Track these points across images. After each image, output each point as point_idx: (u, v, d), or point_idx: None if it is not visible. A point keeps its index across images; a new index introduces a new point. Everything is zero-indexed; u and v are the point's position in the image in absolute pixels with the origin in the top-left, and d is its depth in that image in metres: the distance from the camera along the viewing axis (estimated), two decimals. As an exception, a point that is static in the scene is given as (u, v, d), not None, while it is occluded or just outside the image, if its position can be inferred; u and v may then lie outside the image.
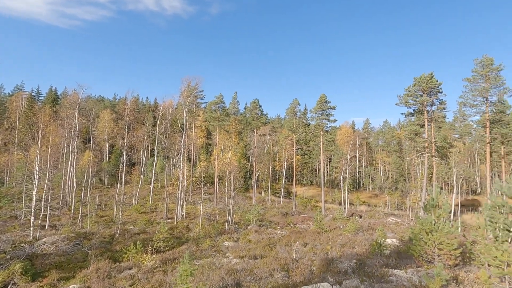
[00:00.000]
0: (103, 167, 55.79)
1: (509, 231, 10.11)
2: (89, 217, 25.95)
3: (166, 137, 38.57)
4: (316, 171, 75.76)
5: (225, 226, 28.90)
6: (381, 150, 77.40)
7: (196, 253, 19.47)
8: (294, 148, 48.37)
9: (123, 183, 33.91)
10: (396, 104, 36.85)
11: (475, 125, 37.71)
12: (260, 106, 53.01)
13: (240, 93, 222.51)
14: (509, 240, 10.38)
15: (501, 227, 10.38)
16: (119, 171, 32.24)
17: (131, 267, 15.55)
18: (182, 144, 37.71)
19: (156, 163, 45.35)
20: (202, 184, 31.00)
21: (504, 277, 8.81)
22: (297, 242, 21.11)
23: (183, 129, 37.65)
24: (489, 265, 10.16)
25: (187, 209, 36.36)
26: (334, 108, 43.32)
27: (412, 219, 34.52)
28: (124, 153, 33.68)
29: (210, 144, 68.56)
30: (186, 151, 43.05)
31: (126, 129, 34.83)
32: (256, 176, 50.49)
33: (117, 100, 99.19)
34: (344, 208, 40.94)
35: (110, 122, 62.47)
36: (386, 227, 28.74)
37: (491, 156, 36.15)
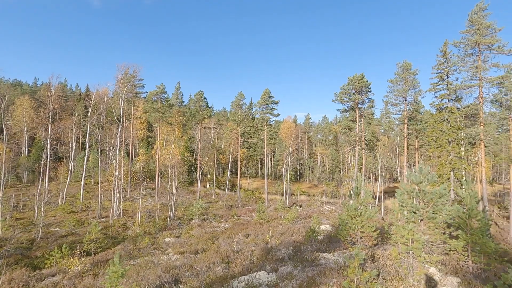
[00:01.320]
0: (20, 162, 48.55)
1: (415, 213, 11.87)
2: (1, 221, 22.42)
3: (100, 128, 35.19)
4: (260, 164, 77.82)
5: (167, 222, 27.91)
6: (320, 144, 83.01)
7: (134, 252, 18.47)
8: (239, 141, 48.81)
9: (46, 180, 30.10)
10: (333, 101, 39.77)
11: (396, 122, 42.91)
12: (205, 98, 52.00)
13: (184, 84, 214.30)
14: (416, 221, 12.20)
15: (409, 209, 12.13)
16: (42, 167, 28.43)
17: (55, 273, 14.02)
18: (118, 136, 34.93)
19: (88, 158, 41.20)
20: (141, 179, 29.26)
21: (409, 252, 10.35)
22: (240, 234, 21.54)
23: (119, 120, 34.84)
24: (399, 243, 11.82)
25: (124, 206, 34.02)
26: (277, 102, 44.81)
27: (342, 206, 38.03)
28: (48, 146, 29.84)
29: (151, 137, 64.94)
30: (123, 144, 39.95)
31: (50, 119, 30.83)
32: (201, 169, 49.68)
33: (38, 85, 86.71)
34: (286, 198, 43.06)
35: (29, 110, 54.40)
36: (322, 215, 31.15)
37: (408, 148, 41.65)
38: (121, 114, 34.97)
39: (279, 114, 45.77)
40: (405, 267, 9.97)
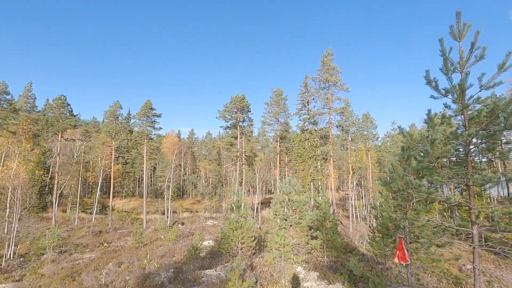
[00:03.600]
0: None
1: (286, 220, 13.52)
2: None
3: None
4: (139, 181, 70.94)
5: (0, 263, 21.02)
6: (204, 159, 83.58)
7: None
8: (113, 156, 43.06)
9: None
10: (217, 117, 41.19)
11: (271, 140, 48.50)
12: (69, 104, 43.57)
13: (40, 86, 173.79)
14: (286, 227, 13.86)
15: (281, 217, 13.72)
16: None
17: None
18: None
19: None
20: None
21: (281, 256, 11.63)
22: (111, 263, 18.60)
23: None
24: (273, 249, 13.10)
25: None
26: (159, 115, 42.57)
27: (224, 220, 39.22)
28: None
29: (-19, 150, 48.54)
30: None
31: None
32: (60, 190, 40.60)
33: None
34: (167, 217, 40.59)
35: None
36: (205, 230, 31.01)
37: (279, 163, 47.52)
38: None
39: (161, 128, 43.50)
40: (278, 271, 11.07)
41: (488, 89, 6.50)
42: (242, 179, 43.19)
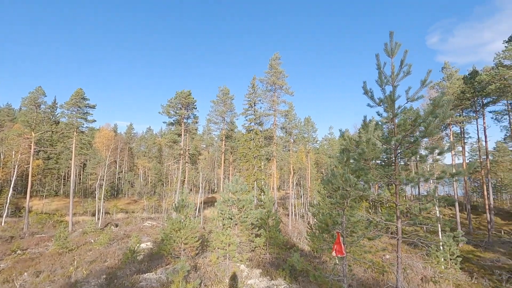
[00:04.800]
0: None
1: (231, 219, 13.53)
2: None
3: None
4: (64, 179, 63.11)
5: None
6: (143, 156, 78.46)
7: None
8: (33, 150, 37.39)
9: None
10: (160, 112, 39.09)
11: (216, 138, 48.04)
12: (-26, 86, 36.40)
13: None
14: (231, 226, 13.87)
15: (227, 216, 13.68)
16: None
17: None
18: None
19: None
20: None
21: (226, 255, 11.60)
22: (26, 273, 16.11)
23: None
24: (218, 249, 12.98)
25: None
26: (93, 106, 38.53)
27: (166, 220, 37.48)
28: None
29: None
30: None
31: None
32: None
33: None
34: (99, 219, 36.96)
35: None
36: (143, 232, 29.13)
37: (224, 162, 47.37)
38: None
39: (95, 121, 39.37)
40: (222, 270, 11.01)
41: (413, 101, 7.53)
42: (184, 178, 41.81)
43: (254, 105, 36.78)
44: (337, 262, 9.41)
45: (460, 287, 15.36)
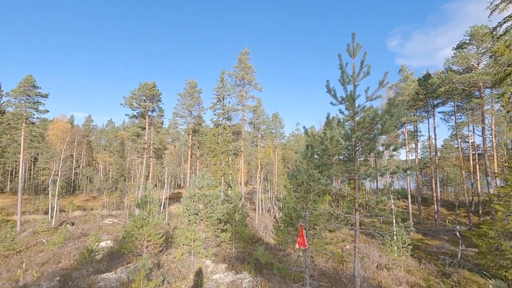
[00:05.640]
0: None
1: (197, 214, 13.34)
2: None
3: None
4: (11, 174, 57.53)
5: None
6: (103, 150, 74.08)
7: None
8: (-27, 143, 33.45)
9: None
10: (122, 104, 37.06)
11: (183, 133, 46.82)
12: None
13: None
14: (197, 222, 13.69)
15: (192, 212, 13.47)
16: None
17: None
18: None
19: None
20: None
21: (191, 251, 11.45)
22: (-37, 280, 14.47)
23: None
24: (183, 245, 12.76)
25: None
26: (46, 96, 35.39)
27: (128, 217, 35.93)
28: None
29: None
30: None
31: None
32: None
33: None
34: (52, 217, 34.30)
35: None
36: (102, 230, 27.66)
37: (191, 157, 46.46)
38: None
39: (48, 111, 36.20)
40: (187, 266, 10.85)
41: (372, 100, 7.98)
42: (149, 173, 40.31)
43: (223, 100, 36.40)
44: (300, 254, 9.75)
45: (410, 272, 16.74)
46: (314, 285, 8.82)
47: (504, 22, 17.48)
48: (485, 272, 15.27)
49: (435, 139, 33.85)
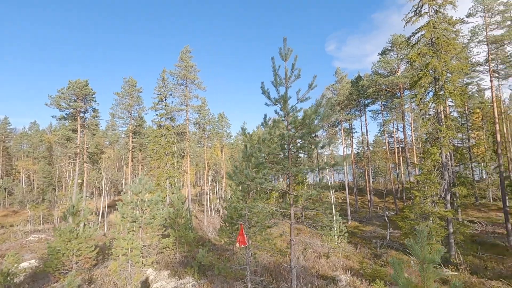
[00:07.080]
0: None
1: (135, 222, 12.58)
2: None
3: None
4: None
5: None
6: (25, 156, 64.87)
7: None
8: None
9: None
10: (47, 105, 32.93)
11: (122, 135, 43.59)
12: None
13: None
14: (136, 230, 12.91)
15: (130, 219, 12.65)
16: None
17: None
18: None
19: None
20: None
21: (129, 261, 10.75)
22: None
23: None
24: (120, 255, 11.90)
25: None
26: None
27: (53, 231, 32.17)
28: None
29: None
30: None
31: None
32: None
33: None
34: (-43, 239, 28.82)
35: None
36: (26, 248, 24.30)
37: (132, 161, 43.54)
38: None
39: None
40: (123, 278, 10.17)
41: (302, 102, 8.50)
42: (83, 180, 36.62)
43: (165, 99, 34.88)
44: (243, 252, 9.92)
45: (348, 257, 18.31)
46: (256, 281, 9.06)
47: (417, 33, 20.26)
48: (407, 250, 17.51)
49: (367, 135, 37.54)
